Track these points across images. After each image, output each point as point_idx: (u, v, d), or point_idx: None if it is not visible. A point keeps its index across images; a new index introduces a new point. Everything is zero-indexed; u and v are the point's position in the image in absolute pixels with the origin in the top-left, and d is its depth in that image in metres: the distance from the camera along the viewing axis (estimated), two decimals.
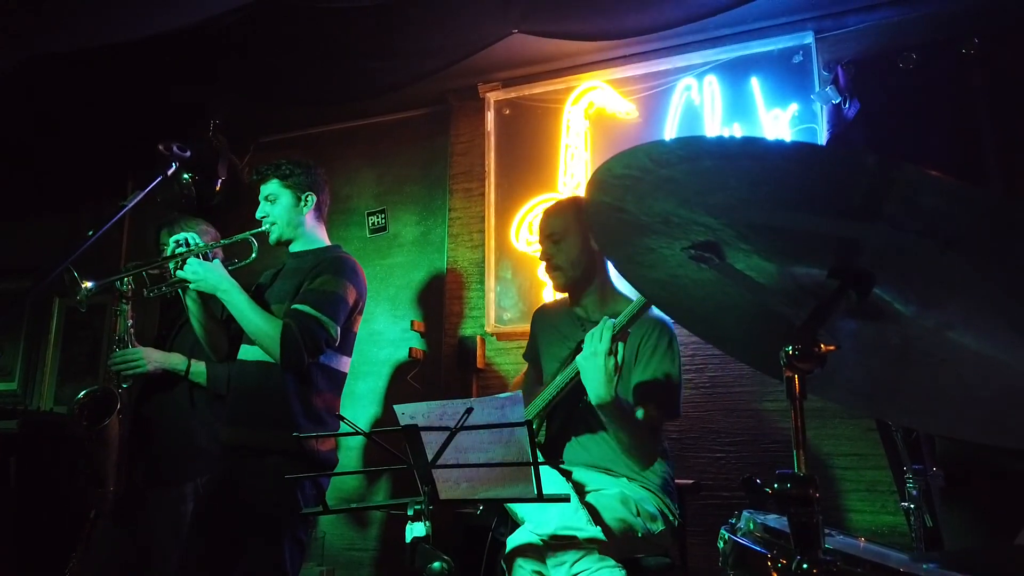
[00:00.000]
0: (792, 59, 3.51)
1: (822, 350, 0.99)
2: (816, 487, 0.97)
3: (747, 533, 1.32)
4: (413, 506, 1.75)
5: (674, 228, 1.10)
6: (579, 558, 1.94)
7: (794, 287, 1.12)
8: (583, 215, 2.48)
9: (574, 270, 2.48)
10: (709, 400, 3.42)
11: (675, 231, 1.11)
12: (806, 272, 1.08)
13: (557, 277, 2.52)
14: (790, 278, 1.11)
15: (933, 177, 0.72)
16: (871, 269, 1.00)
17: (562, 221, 2.50)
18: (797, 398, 1.01)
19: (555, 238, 2.49)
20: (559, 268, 2.49)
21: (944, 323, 1.00)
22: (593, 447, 2.36)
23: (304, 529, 2.59)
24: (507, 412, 1.69)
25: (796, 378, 1.01)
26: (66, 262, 1.80)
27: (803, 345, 0.99)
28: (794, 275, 1.10)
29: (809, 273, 1.07)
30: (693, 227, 1.08)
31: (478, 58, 3.78)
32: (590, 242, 2.46)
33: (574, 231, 2.47)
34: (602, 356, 2.05)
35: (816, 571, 0.94)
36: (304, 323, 2.51)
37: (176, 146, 2.09)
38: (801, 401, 1.00)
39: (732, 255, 1.13)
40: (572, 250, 2.47)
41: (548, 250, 2.51)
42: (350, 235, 4.35)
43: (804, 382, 1.01)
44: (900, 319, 1.06)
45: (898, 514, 3.00)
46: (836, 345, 0.99)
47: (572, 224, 2.48)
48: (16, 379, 4.79)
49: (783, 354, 1.01)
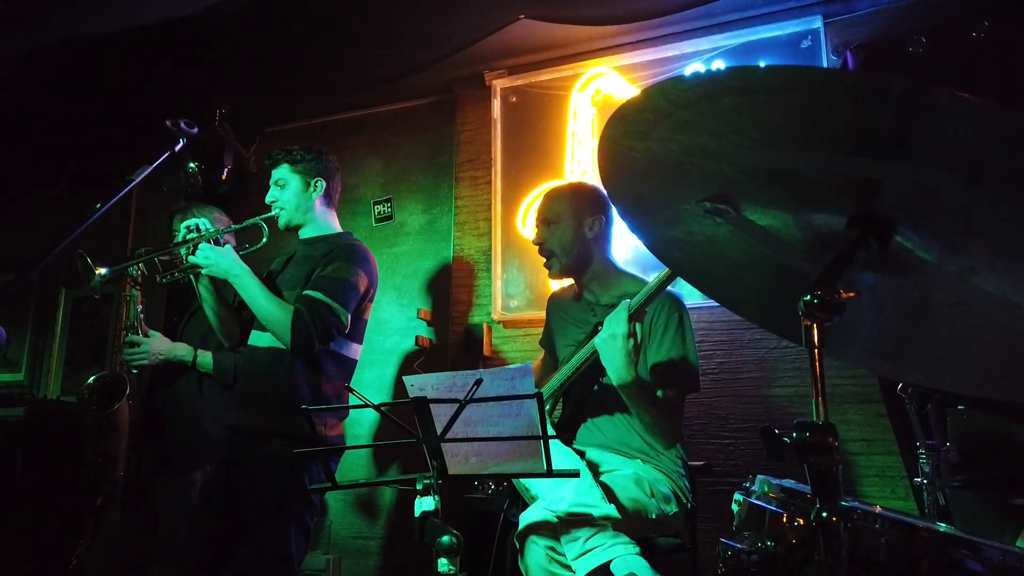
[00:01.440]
0: (800, 44, 3.49)
1: (842, 297, 0.97)
2: (835, 435, 0.96)
3: (762, 495, 1.31)
4: (422, 480, 1.73)
5: (689, 179, 1.09)
6: (593, 534, 1.93)
7: (812, 239, 1.11)
8: (581, 202, 2.47)
9: (566, 257, 2.46)
10: (717, 386, 3.40)
11: (690, 183, 1.10)
12: (825, 221, 1.06)
13: (552, 264, 2.49)
14: (808, 229, 1.09)
15: (964, 99, 0.71)
16: (892, 214, 0.98)
17: (558, 205, 2.49)
18: (816, 347, 0.99)
19: (549, 222, 2.47)
20: (552, 254, 2.47)
21: (967, 268, 0.98)
22: (608, 428, 2.35)
23: (310, 514, 2.57)
24: (517, 384, 1.68)
25: (815, 326, 1.00)
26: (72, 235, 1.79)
27: (822, 291, 0.97)
28: (812, 225, 1.08)
29: (828, 222, 1.06)
30: (709, 177, 1.07)
31: (484, 45, 3.77)
32: (584, 229, 2.44)
33: (568, 216, 2.46)
34: (621, 338, 2.05)
35: (835, 519, 0.93)
36: (315, 309, 2.50)
37: (184, 122, 2.09)
38: (820, 350, 0.99)
39: (748, 208, 1.11)
40: (564, 235, 2.45)
41: (542, 234, 2.50)
42: (356, 224, 4.34)
43: (823, 331, 1.00)
44: (921, 268, 1.04)
45: (909, 499, 2.97)
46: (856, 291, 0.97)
47: (567, 210, 2.46)
48: (23, 369, 4.79)
49: (802, 303, 0.99)
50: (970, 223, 0.91)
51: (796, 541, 1.19)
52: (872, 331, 1.24)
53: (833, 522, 0.93)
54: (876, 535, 1.12)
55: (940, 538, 1.14)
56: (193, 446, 2.97)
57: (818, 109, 0.85)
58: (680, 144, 1.02)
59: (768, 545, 1.21)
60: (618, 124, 1.03)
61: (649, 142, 1.04)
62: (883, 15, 3.39)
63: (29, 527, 3.64)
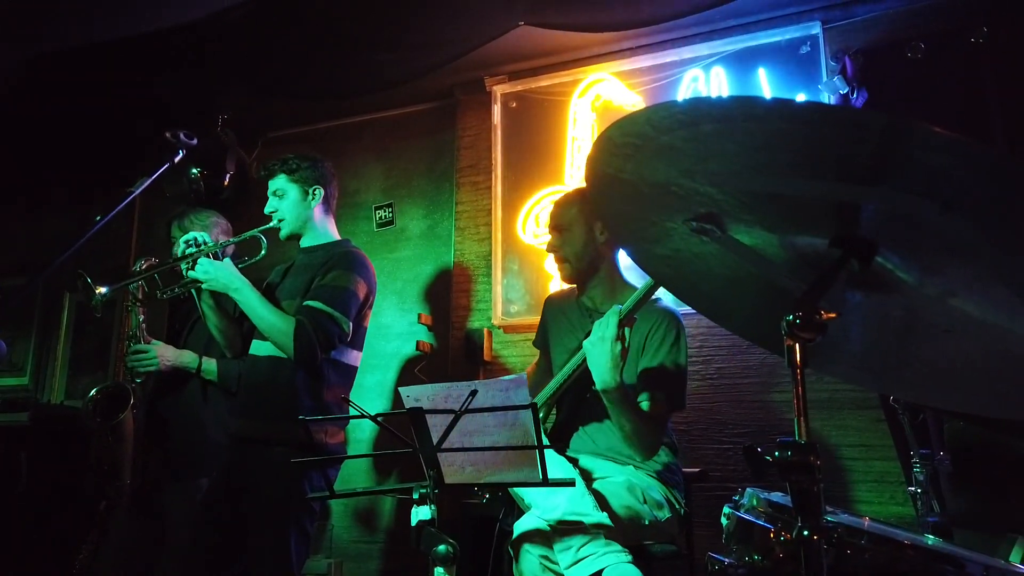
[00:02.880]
0: (799, 50, 3.50)
1: (823, 317, 0.99)
2: (817, 454, 0.97)
3: (750, 509, 1.32)
4: (419, 490, 1.75)
5: (675, 200, 1.10)
6: (585, 543, 1.94)
7: (796, 258, 1.12)
8: (589, 207, 2.49)
9: (579, 262, 2.48)
10: (716, 391, 3.41)
11: (676, 203, 1.11)
12: (808, 242, 1.07)
13: (564, 269, 2.52)
14: (792, 249, 1.10)
15: (939, 134, 0.72)
16: (873, 236, 0.99)
17: (567, 212, 2.51)
18: (798, 367, 1.01)
19: (560, 228, 2.50)
20: (565, 260, 2.50)
21: (946, 290, 1.00)
22: (599, 437, 2.36)
23: (310, 520, 2.59)
24: (511, 395, 1.69)
25: (797, 347, 1.01)
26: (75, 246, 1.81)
27: (804, 313, 0.99)
28: (796, 245, 1.09)
29: (811, 243, 1.07)
30: (694, 198, 1.08)
31: (484, 51, 3.78)
32: (595, 233, 2.46)
33: (579, 222, 2.48)
34: (609, 341, 2.06)
35: (817, 538, 0.94)
36: (317, 319, 2.52)
37: (183, 133, 2.11)
38: (802, 370, 1.00)
39: (733, 227, 1.12)
40: (576, 241, 2.47)
41: (554, 241, 2.52)
42: (357, 229, 4.37)
43: (805, 351, 1.01)
44: (903, 288, 1.05)
45: (907, 504, 2.98)
46: (837, 312, 0.99)
47: (577, 215, 2.48)
48: (27, 373, 4.82)
49: (784, 323, 1.01)
50: (948, 247, 0.92)
51: (783, 555, 1.20)
52: (859, 347, 1.26)
53: (815, 540, 0.94)
54: (860, 551, 1.13)
55: (924, 553, 1.15)
56: (198, 453, 2.98)
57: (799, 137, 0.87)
58: (665, 167, 1.04)
59: (756, 559, 1.22)
60: (605, 146, 1.05)
61: (635, 164, 1.05)
62: (882, 21, 3.40)
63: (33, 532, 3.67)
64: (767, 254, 1.14)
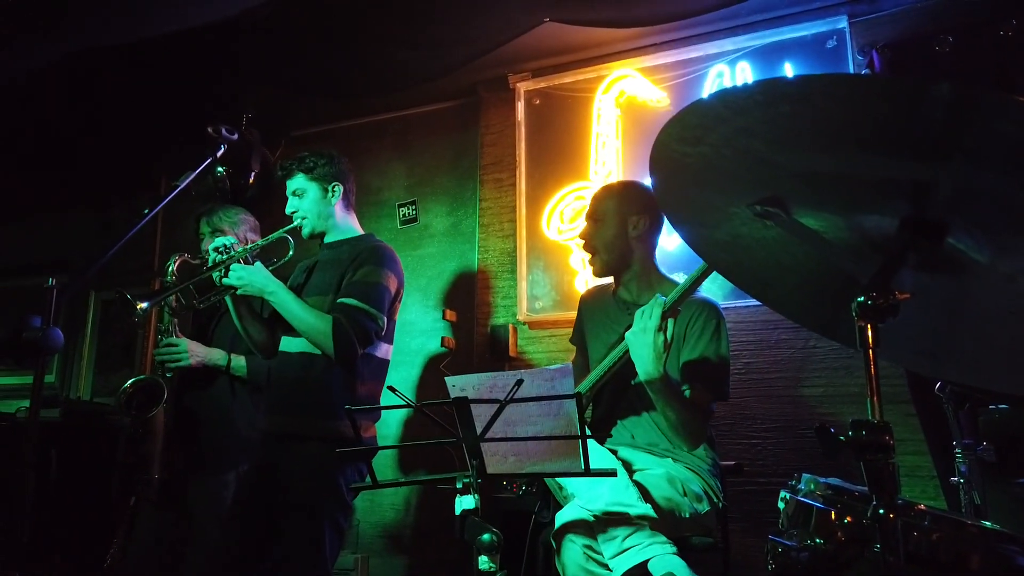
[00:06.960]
0: (826, 44, 3.49)
1: (896, 298, 0.99)
2: (891, 434, 0.98)
3: (808, 493, 1.32)
4: (462, 479, 1.76)
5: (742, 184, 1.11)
6: (630, 533, 1.94)
7: (862, 242, 1.12)
8: (627, 200, 2.49)
9: (608, 253, 2.48)
10: (745, 387, 3.40)
11: (742, 187, 1.12)
12: (876, 224, 1.08)
13: (595, 261, 2.52)
14: (858, 232, 1.11)
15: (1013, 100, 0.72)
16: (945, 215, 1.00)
17: (604, 204, 2.51)
18: (870, 347, 1.01)
19: (596, 218, 2.50)
20: (594, 249, 2.50)
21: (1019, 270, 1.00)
22: (638, 431, 2.36)
23: (344, 515, 2.59)
24: (556, 384, 1.70)
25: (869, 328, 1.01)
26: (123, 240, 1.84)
27: (877, 293, 0.99)
28: (863, 228, 1.10)
29: (879, 225, 1.08)
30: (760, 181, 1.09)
31: (508, 48, 3.79)
32: (627, 228, 2.46)
33: (613, 214, 2.48)
34: (652, 332, 2.05)
35: (892, 516, 0.95)
36: (353, 316, 2.53)
37: (224, 129, 2.12)
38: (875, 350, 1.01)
39: (798, 211, 1.13)
40: (607, 233, 2.47)
41: (587, 230, 2.52)
42: (381, 226, 4.38)
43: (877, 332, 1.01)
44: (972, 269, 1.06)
45: (939, 499, 2.97)
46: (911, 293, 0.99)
47: (613, 208, 2.49)
48: (54, 371, 4.86)
49: (855, 305, 1.01)
50: None
51: (845, 538, 1.21)
52: (915, 330, 1.26)
53: (891, 519, 0.95)
54: (927, 531, 1.14)
55: (989, 535, 1.15)
56: (226, 447, 3.00)
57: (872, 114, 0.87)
58: (734, 149, 1.05)
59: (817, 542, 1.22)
60: (674, 129, 1.05)
61: (703, 147, 1.06)
62: (909, 14, 3.38)
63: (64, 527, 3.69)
64: (831, 237, 1.15)
